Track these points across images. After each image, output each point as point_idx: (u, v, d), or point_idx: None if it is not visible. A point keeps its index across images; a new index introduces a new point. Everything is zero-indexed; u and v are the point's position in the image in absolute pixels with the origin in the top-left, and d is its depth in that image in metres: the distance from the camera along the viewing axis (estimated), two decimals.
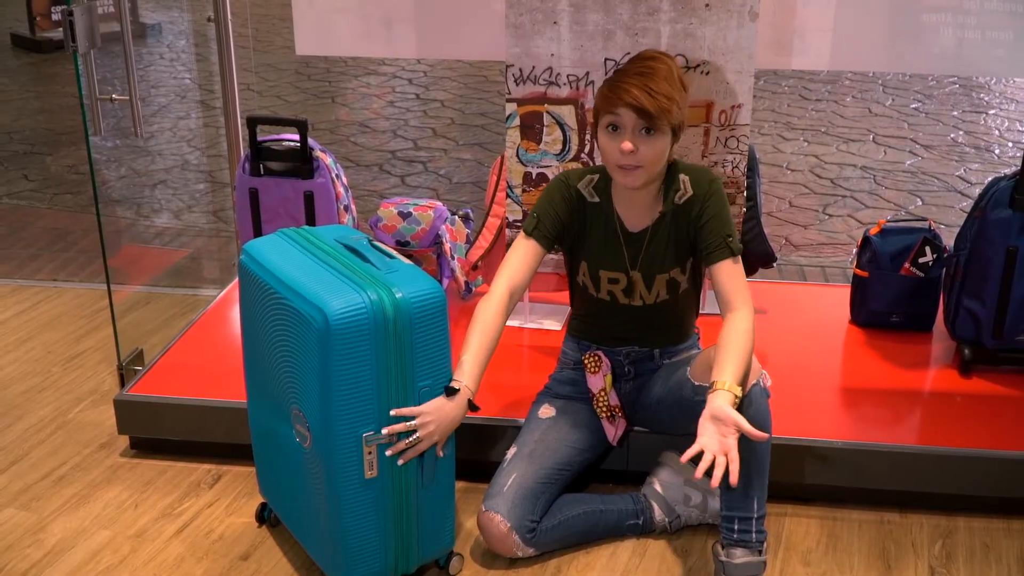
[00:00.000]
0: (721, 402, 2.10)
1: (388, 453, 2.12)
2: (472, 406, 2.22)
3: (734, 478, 2.04)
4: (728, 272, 2.31)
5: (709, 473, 2.04)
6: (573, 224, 2.43)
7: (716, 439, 2.07)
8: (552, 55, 2.89)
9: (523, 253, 2.41)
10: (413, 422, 2.13)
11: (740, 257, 2.34)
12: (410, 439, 2.13)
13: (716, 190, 2.35)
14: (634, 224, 2.42)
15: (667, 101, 2.23)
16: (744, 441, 2.20)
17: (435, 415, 2.15)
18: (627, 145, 2.25)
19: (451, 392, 2.17)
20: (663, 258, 2.41)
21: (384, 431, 2.10)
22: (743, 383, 2.18)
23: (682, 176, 2.38)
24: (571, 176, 2.45)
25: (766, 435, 2.11)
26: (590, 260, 2.45)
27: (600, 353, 2.50)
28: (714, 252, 2.32)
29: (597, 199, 2.42)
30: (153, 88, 7.12)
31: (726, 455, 2.05)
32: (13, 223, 4.79)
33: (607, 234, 2.43)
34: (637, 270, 2.42)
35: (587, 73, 2.89)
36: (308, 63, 7.62)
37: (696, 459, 2.07)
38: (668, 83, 2.25)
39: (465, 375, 2.21)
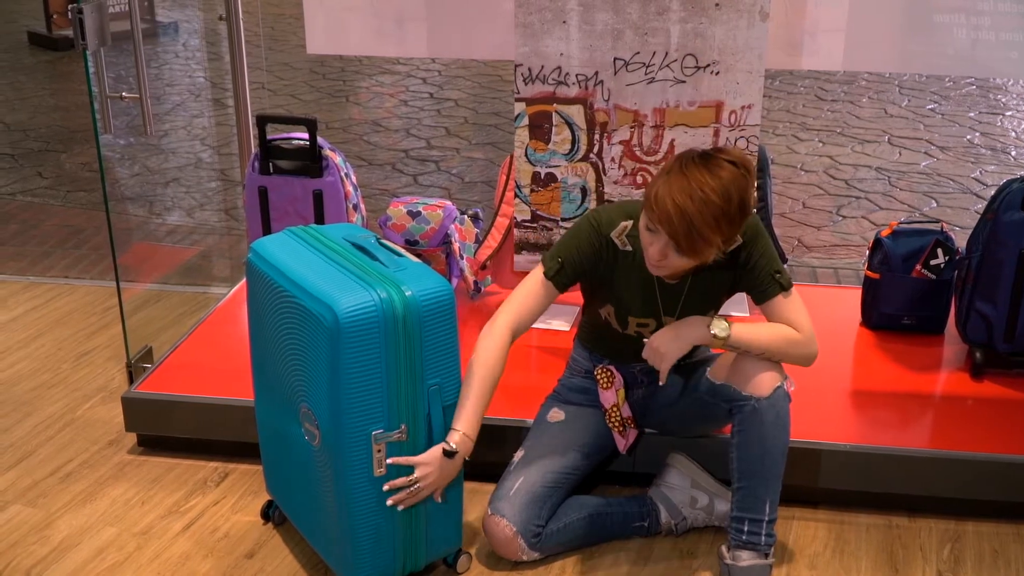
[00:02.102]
0: (698, 324, 2.21)
1: (388, 503, 2.12)
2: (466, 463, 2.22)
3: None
4: (783, 307, 2.27)
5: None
6: (598, 271, 2.33)
7: (662, 352, 2.22)
8: (561, 55, 2.88)
9: (536, 294, 2.31)
10: (414, 473, 2.13)
11: (793, 290, 2.28)
12: (411, 488, 2.13)
13: (760, 232, 2.29)
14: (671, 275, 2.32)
15: (705, 246, 2.09)
16: (759, 445, 2.22)
17: (434, 466, 2.14)
18: (654, 254, 2.16)
19: (450, 454, 2.15)
20: (701, 303, 2.34)
21: (384, 487, 2.11)
22: (742, 343, 2.21)
23: None
24: (603, 223, 2.30)
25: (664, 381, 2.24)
26: (618, 305, 2.37)
27: (612, 368, 2.45)
28: (766, 290, 2.27)
29: (630, 247, 2.31)
30: (168, 86, 7.14)
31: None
32: (27, 220, 4.81)
33: (642, 283, 2.33)
34: (672, 315, 2.35)
35: (596, 73, 2.88)
36: (323, 62, 7.64)
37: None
38: (717, 221, 2.07)
39: (462, 423, 2.17)
